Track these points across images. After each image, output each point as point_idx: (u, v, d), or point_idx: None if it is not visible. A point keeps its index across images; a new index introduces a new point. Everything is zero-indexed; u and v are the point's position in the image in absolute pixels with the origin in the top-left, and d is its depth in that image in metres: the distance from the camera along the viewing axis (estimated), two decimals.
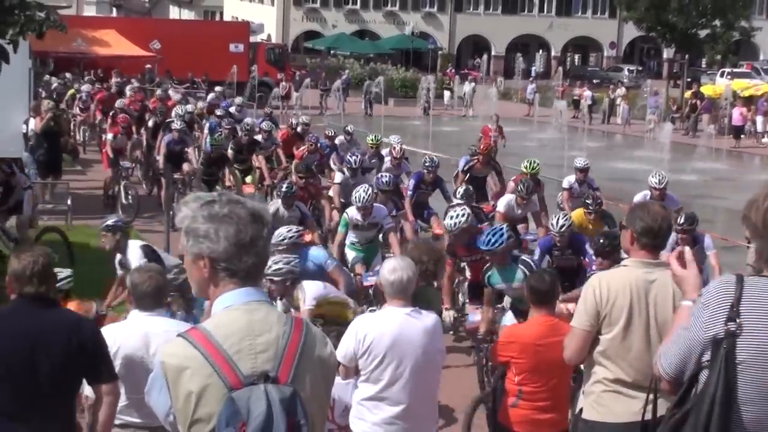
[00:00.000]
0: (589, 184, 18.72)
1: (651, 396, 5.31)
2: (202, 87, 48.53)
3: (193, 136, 25.71)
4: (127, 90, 36.02)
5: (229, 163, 21.74)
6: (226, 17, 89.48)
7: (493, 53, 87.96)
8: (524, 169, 18.21)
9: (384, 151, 22.60)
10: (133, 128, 27.39)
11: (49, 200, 22.25)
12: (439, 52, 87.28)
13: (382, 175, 17.69)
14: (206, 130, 27.29)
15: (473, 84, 59.86)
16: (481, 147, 20.10)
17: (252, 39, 60.75)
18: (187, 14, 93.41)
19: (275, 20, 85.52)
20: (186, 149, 22.92)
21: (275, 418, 3.56)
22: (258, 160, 23.00)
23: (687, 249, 5.06)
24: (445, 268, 10.62)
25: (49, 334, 6.07)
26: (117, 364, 7.06)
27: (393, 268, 7.39)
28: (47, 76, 42.20)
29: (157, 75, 48.78)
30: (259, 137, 24.28)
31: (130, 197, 22.33)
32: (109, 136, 24.48)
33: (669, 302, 6.26)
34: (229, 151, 22.60)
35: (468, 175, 19.41)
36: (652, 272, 6.36)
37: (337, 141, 24.78)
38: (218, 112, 29.24)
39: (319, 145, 22.95)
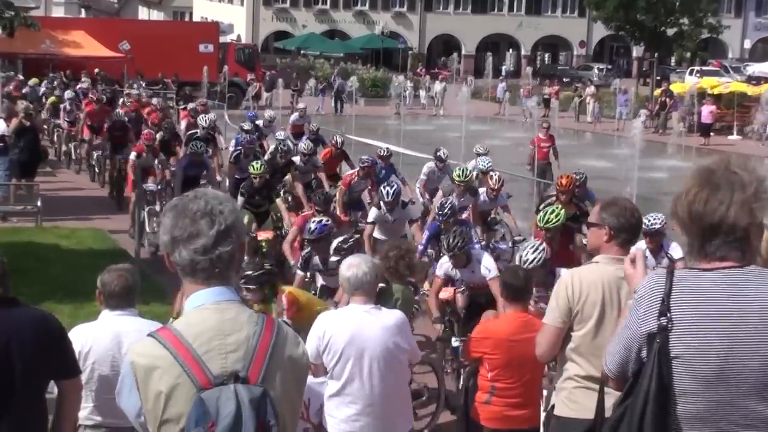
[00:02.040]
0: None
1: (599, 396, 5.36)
2: (172, 87, 48.36)
3: (218, 152, 23.28)
4: (124, 97, 34.76)
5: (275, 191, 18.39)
6: (196, 18, 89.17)
7: (463, 52, 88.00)
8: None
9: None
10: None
11: (17, 202, 22.09)
12: (410, 52, 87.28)
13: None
14: (231, 147, 23.53)
15: (444, 83, 59.90)
16: (563, 182, 15.51)
17: (222, 39, 60.57)
18: (156, 15, 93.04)
19: (245, 20, 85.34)
20: (206, 173, 19.47)
21: (244, 418, 3.54)
22: (295, 188, 18.88)
23: (635, 248, 5.10)
24: (413, 267, 10.47)
25: (20, 333, 6.03)
26: (88, 363, 7.02)
27: (349, 264, 7.46)
28: (34, 80, 41.09)
29: (107, 75, 48.02)
30: (296, 158, 20.48)
31: (155, 225, 18.62)
32: (132, 154, 21.25)
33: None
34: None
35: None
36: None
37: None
38: (245, 126, 25.11)
39: (375, 167, 19.28)
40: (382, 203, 15.22)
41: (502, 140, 43.11)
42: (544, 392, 8.44)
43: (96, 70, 47.24)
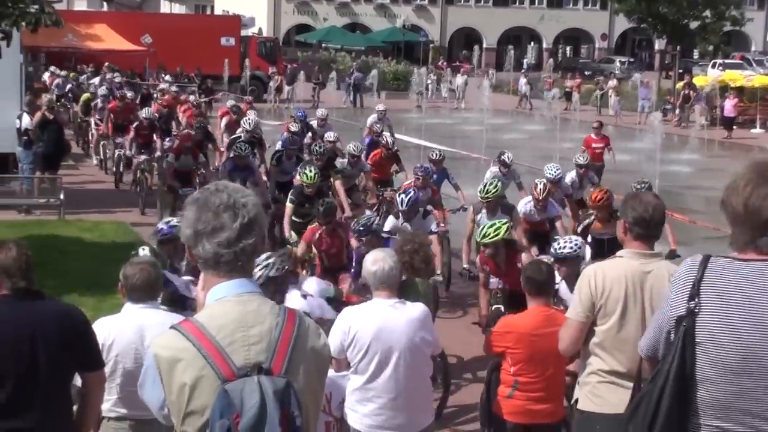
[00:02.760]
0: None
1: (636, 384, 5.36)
2: (196, 81, 48.38)
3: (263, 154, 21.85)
4: (157, 93, 34.19)
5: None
6: (217, 11, 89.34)
7: (484, 45, 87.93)
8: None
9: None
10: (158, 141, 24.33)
11: (41, 195, 22.18)
12: (431, 45, 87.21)
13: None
14: (278, 148, 21.24)
15: (465, 76, 59.81)
16: (594, 198, 14.29)
17: (243, 32, 60.64)
18: (177, 8, 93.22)
19: (266, 13, 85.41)
20: (252, 178, 17.82)
21: (269, 409, 3.55)
22: (336, 191, 17.39)
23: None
24: (429, 260, 10.35)
25: (44, 325, 6.05)
26: (111, 356, 7.04)
27: (374, 258, 7.45)
28: (72, 74, 40.52)
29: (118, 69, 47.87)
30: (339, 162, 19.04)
31: None
32: (170, 157, 20.17)
33: (664, 293, 6.25)
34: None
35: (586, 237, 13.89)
36: (647, 263, 6.36)
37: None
38: (292, 127, 22.87)
39: (430, 177, 17.15)
40: (399, 212, 14.18)
41: (522, 133, 43.02)
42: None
43: (106, 64, 47.20)
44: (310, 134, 23.55)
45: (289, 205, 15.51)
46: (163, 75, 45.82)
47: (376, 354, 7.28)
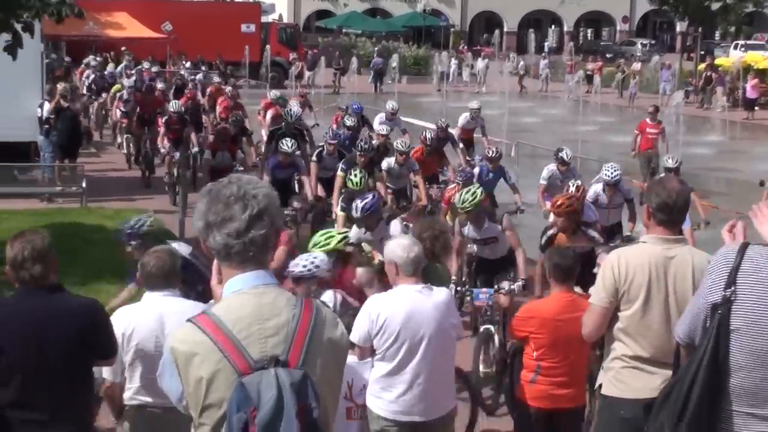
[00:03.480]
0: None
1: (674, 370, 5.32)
2: (220, 68, 48.22)
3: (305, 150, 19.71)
4: (189, 82, 32.90)
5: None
6: None
7: (505, 29, 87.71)
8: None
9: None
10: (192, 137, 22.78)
11: (61, 183, 22.22)
12: (452, 29, 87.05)
13: None
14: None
15: (486, 60, 59.70)
16: (555, 203, 11.90)
17: (263, 19, 60.65)
18: None
19: (286, 0, 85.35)
20: (298, 176, 17.33)
21: (286, 402, 3.55)
22: (381, 190, 16.29)
23: (739, 222, 5.04)
24: (448, 247, 10.37)
25: (54, 321, 6.05)
26: (132, 345, 7.04)
27: (403, 245, 7.41)
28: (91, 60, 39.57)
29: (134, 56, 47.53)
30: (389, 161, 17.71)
31: None
32: (207, 153, 19.39)
33: (688, 279, 6.22)
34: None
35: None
36: (671, 248, 6.32)
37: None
38: (348, 122, 21.37)
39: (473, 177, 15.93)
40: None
41: (543, 117, 42.92)
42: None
43: (123, 49, 47.20)
44: (367, 130, 22.09)
45: (341, 214, 13.92)
46: (183, 62, 45.78)
47: (406, 340, 7.26)
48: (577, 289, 8.77)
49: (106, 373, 6.83)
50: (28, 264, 6.08)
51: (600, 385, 6.79)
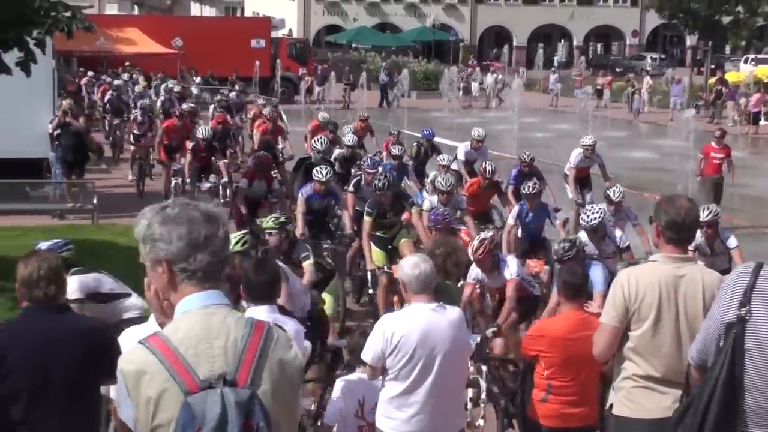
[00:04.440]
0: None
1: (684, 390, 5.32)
2: (237, 84, 47.97)
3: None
4: (215, 103, 30.92)
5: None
6: (247, 13, 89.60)
7: (514, 44, 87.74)
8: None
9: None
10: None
11: (70, 199, 22.23)
12: (461, 44, 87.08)
13: None
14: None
15: (495, 75, 59.71)
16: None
17: (273, 34, 60.76)
18: (208, 11, 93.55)
19: (296, 15, 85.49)
20: (337, 205, 15.86)
21: (230, 420, 3.57)
22: (414, 225, 14.69)
23: None
24: (460, 266, 10.32)
25: (63, 341, 6.06)
26: None
27: (414, 263, 7.39)
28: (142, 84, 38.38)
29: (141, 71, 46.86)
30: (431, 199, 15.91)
31: None
32: (242, 182, 17.57)
33: (698, 297, 6.22)
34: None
35: None
36: (680, 267, 6.32)
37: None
38: (394, 150, 19.43)
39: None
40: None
41: (553, 132, 42.90)
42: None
43: (126, 64, 47.20)
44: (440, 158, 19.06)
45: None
46: (193, 78, 45.84)
47: (421, 359, 7.23)
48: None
49: (113, 392, 6.86)
50: (42, 283, 6.12)
51: (611, 405, 6.79)
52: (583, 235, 12.89)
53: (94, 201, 21.48)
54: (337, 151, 20.17)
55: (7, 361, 6.01)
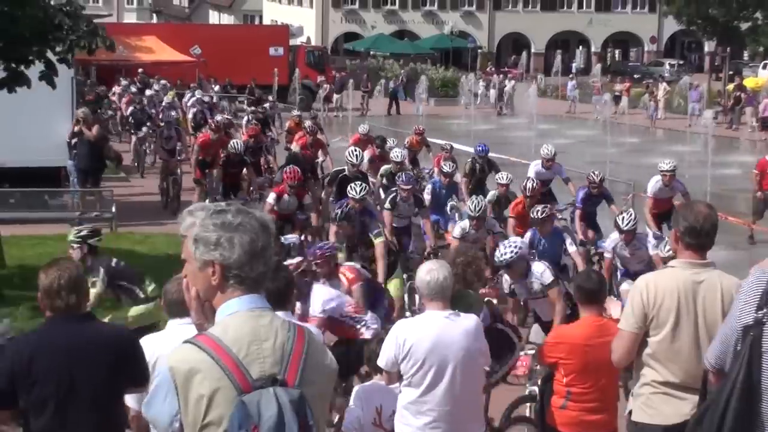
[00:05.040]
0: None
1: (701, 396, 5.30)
2: (256, 93, 47.86)
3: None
4: (249, 114, 29.96)
5: None
6: (266, 21, 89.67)
7: (532, 50, 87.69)
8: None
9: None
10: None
11: (85, 208, 22.26)
12: (479, 51, 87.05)
13: None
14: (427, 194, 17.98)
15: (512, 82, 59.67)
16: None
17: (291, 42, 60.85)
18: (226, 19, 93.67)
19: (314, 22, 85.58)
20: (374, 224, 14.52)
21: (287, 419, 3.67)
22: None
23: None
24: (481, 275, 10.30)
25: (87, 349, 6.07)
26: (156, 374, 7.05)
27: (429, 269, 7.40)
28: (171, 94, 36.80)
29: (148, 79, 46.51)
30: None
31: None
32: (271, 197, 16.61)
33: (717, 303, 6.20)
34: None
35: None
36: (699, 273, 6.30)
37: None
38: (445, 167, 18.46)
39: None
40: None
41: (570, 138, 42.83)
42: None
43: (139, 71, 47.22)
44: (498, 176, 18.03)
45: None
46: (212, 86, 45.90)
47: (432, 366, 7.24)
48: None
49: (130, 401, 6.84)
50: (63, 293, 6.13)
51: (630, 412, 6.76)
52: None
53: (113, 209, 21.54)
54: (384, 167, 19.24)
55: (32, 370, 6.02)
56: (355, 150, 17.99)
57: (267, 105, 34.50)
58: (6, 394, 6.04)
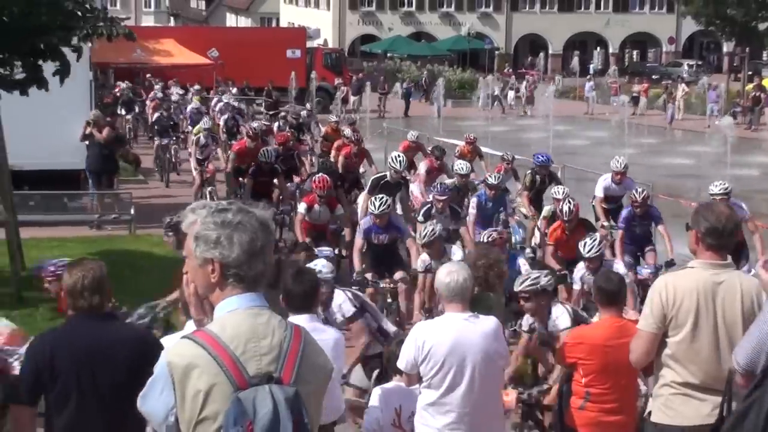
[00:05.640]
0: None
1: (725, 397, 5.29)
2: (273, 96, 47.75)
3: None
4: (279, 121, 28.94)
5: None
6: (283, 23, 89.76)
7: (550, 52, 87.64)
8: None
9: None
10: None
11: (104, 210, 22.31)
12: (496, 52, 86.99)
13: None
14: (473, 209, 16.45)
15: (531, 83, 59.57)
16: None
17: (309, 44, 60.90)
18: (243, 21, 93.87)
19: (331, 25, 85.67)
20: (401, 238, 14.09)
21: (281, 416, 3.71)
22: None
23: None
24: (503, 276, 10.11)
25: (109, 349, 6.11)
26: None
27: (448, 271, 7.43)
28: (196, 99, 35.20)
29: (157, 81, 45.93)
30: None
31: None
32: (301, 207, 15.83)
33: (737, 304, 6.19)
34: None
35: None
36: (719, 274, 6.29)
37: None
38: (491, 179, 17.02)
39: None
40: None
41: (587, 139, 42.79)
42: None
43: (147, 75, 47.23)
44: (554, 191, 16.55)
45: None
46: (230, 88, 45.95)
47: (451, 368, 7.26)
48: None
49: None
50: (86, 293, 6.19)
51: (649, 413, 6.75)
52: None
53: (131, 212, 21.59)
54: (447, 180, 17.99)
55: (54, 366, 6.09)
56: (399, 156, 17.07)
57: (303, 112, 32.56)
58: (33, 391, 6.15)
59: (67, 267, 6.42)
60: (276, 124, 29.03)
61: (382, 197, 13.83)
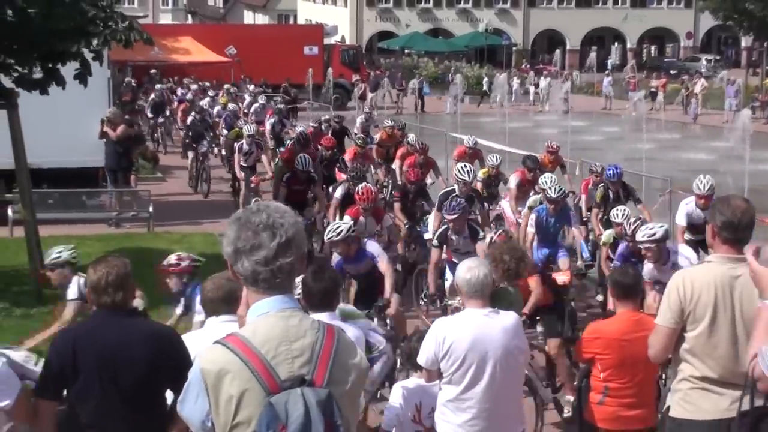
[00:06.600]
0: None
1: (746, 393, 5.28)
2: (289, 93, 47.46)
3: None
4: (324, 123, 26.51)
5: None
6: (300, 20, 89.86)
7: (567, 47, 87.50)
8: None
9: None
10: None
11: (122, 208, 22.36)
12: (514, 48, 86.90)
13: None
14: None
15: (549, 79, 59.53)
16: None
17: (326, 41, 60.95)
18: (261, 19, 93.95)
19: (348, 21, 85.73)
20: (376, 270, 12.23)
21: (313, 419, 3.72)
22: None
23: (764, 247, 5.02)
24: (529, 267, 10.33)
25: (131, 346, 6.13)
26: None
27: (468, 266, 7.41)
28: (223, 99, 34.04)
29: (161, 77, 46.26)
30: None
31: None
32: (345, 219, 14.65)
33: (755, 298, 6.16)
34: None
35: None
36: (736, 268, 6.26)
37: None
38: (550, 192, 14.73)
39: None
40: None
41: (606, 135, 42.67)
42: None
43: (152, 71, 47.27)
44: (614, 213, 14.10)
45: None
46: (247, 86, 45.99)
47: (472, 364, 7.26)
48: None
49: (171, 398, 6.90)
50: (110, 290, 6.23)
51: (668, 408, 6.74)
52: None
53: (150, 209, 21.66)
54: (533, 197, 16.49)
55: (77, 361, 6.12)
56: (466, 166, 15.70)
57: (361, 116, 29.81)
58: (56, 386, 6.20)
59: (92, 263, 6.45)
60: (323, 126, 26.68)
61: (342, 224, 12.28)
